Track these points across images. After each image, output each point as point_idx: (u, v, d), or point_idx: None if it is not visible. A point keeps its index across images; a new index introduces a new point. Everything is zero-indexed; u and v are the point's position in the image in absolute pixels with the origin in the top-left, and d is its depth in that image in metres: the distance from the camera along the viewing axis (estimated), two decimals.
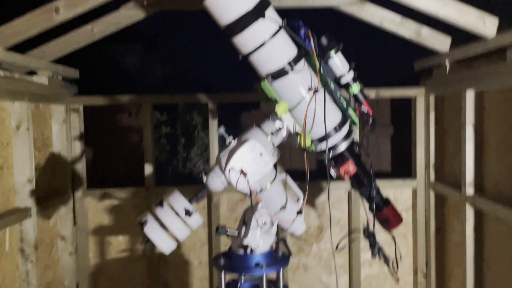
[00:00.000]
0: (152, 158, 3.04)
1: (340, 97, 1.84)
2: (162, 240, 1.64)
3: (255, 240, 1.77)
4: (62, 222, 2.94)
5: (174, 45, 5.92)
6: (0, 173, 2.31)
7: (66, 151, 2.95)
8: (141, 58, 4.76)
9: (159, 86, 4.09)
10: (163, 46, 4.81)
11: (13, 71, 2.39)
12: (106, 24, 2.57)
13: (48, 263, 2.77)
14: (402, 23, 2.62)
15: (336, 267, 3.12)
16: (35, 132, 2.58)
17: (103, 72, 4.17)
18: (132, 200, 3.11)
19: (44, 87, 2.63)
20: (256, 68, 1.76)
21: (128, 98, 3.12)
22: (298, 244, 3.15)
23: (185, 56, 5.41)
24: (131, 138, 4.05)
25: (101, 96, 3.05)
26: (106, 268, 3.15)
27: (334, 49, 1.79)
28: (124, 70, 4.50)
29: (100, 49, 2.87)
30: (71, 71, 2.94)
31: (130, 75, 4.48)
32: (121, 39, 2.88)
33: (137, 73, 4.64)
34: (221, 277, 1.82)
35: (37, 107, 2.67)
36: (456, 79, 2.60)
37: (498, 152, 2.32)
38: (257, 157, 1.67)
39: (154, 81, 4.16)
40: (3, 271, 2.30)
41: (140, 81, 4.35)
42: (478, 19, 2.15)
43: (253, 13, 1.61)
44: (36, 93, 2.55)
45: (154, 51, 4.68)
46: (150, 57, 4.79)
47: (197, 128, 3.94)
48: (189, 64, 5.52)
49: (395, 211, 2.04)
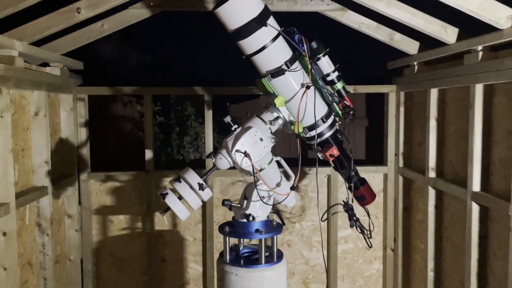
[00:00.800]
0: (151, 144, 3.33)
1: (327, 92, 2.20)
2: (180, 209, 1.97)
3: (256, 210, 2.12)
4: (69, 202, 3.21)
5: (172, 41, 6.15)
6: (21, 155, 2.57)
7: (73, 137, 3.21)
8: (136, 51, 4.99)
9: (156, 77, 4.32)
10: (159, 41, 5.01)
11: (31, 63, 2.64)
12: (116, 22, 2.83)
13: (57, 239, 3.04)
14: (377, 28, 2.99)
15: (316, 242, 3.51)
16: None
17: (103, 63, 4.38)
18: (132, 182, 3.40)
19: (57, 77, 2.88)
20: (257, 67, 2.10)
21: (130, 89, 3.40)
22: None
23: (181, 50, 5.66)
24: (126, 126, 4.31)
25: (106, 87, 3.32)
26: (108, 245, 3.44)
27: (323, 52, 2.14)
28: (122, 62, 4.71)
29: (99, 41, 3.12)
30: (77, 63, 3.19)
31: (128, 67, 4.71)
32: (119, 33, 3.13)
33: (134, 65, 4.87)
34: (226, 242, 2.17)
35: (49, 96, 2.92)
36: (423, 78, 3.01)
37: (455, 141, 2.74)
38: (258, 141, 2.01)
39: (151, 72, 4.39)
40: (24, 242, 2.57)
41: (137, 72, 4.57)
42: (441, 28, 2.54)
43: (256, 21, 1.94)
44: (50, 83, 2.80)
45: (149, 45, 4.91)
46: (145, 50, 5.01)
47: (190, 118, 4.23)
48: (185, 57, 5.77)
49: (370, 190, 2.42)
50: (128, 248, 3.45)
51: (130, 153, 4.07)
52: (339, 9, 2.92)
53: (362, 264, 3.62)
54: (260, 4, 1.95)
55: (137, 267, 3.46)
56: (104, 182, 3.38)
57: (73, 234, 3.23)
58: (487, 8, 2.05)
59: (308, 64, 2.09)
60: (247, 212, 2.11)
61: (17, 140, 2.50)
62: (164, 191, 1.98)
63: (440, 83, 2.77)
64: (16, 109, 2.50)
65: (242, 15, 1.93)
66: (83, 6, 2.39)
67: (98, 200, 3.40)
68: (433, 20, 2.55)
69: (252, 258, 2.21)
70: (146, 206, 3.39)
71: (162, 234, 3.46)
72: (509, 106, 2.20)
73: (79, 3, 2.39)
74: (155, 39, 4.95)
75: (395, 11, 2.56)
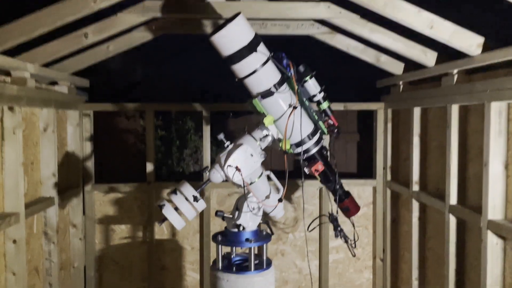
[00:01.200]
0: (153, 157, 3.53)
1: (313, 112, 2.39)
2: (176, 219, 2.15)
3: (246, 220, 2.30)
4: (74, 212, 3.39)
5: (174, 59, 6.34)
6: (30, 168, 2.76)
7: (79, 151, 3.41)
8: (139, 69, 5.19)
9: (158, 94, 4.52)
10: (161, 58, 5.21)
11: (41, 81, 2.85)
12: (120, 44, 3.05)
13: (62, 247, 3.22)
14: (364, 50, 3.19)
15: (309, 252, 3.67)
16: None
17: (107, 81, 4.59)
18: (134, 193, 3.58)
19: (65, 95, 3.09)
20: (248, 89, 2.29)
21: (133, 106, 3.60)
22: (277, 233, 3.68)
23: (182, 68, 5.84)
24: (129, 139, 4.52)
25: (110, 103, 3.53)
26: (110, 253, 3.61)
27: (309, 75, 2.33)
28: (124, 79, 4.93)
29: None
30: (84, 81, 3.40)
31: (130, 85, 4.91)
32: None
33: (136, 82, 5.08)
34: (218, 250, 2.34)
35: (57, 112, 3.13)
36: (407, 97, 3.19)
37: (437, 156, 2.92)
38: (249, 157, 2.20)
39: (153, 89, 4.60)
40: (31, 250, 2.75)
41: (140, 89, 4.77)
42: (421, 52, 2.73)
43: (247, 48, 2.14)
44: (58, 100, 3.00)
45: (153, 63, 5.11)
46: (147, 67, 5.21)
47: (190, 132, 4.42)
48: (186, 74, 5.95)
49: (354, 202, 2.59)
50: (129, 256, 3.63)
51: (132, 165, 4.27)
52: (328, 33, 3.12)
53: (353, 274, 3.77)
54: (251, 33, 2.15)
55: (137, 275, 3.63)
56: (107, 193, 3.57)
57: (77, 242, 3.41)
58: (458, 36, 2.24)
59: (295, 86, 2.29)
60: (238, 222, 2.29)
61: (27, 154, 2.69)
62: (162, 203, 2.16)
63: (422, 103, 2.95)
64: (27, 125, 2.70)
65: (234, 43, 2.13)
66: (90, 31, 2.60)
67: (101, 210, 3.59)
68: (413, 44, 2.74)
69: (242, 266, 2.38)
70: (147, 216, 3.57)
71: (162, 243, 3.63)
72: (481, 126, 2.38)
73: (87, 28, 2.60)
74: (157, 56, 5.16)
75: (378, 36, 2.76)
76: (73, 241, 3.40)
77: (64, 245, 3.27)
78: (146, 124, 3.52)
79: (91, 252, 3.55)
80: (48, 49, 2.60)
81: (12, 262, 2.39)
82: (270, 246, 3.40)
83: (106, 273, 3.62)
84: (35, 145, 2.82)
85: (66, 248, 3.33)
